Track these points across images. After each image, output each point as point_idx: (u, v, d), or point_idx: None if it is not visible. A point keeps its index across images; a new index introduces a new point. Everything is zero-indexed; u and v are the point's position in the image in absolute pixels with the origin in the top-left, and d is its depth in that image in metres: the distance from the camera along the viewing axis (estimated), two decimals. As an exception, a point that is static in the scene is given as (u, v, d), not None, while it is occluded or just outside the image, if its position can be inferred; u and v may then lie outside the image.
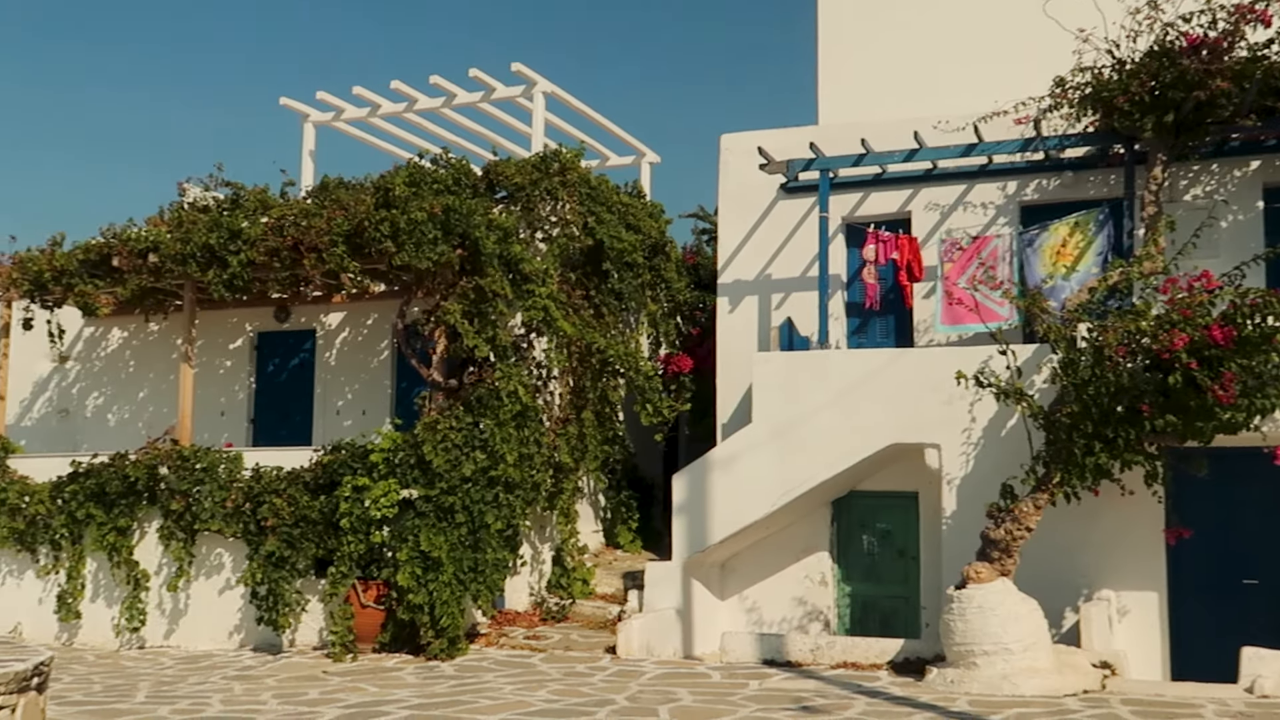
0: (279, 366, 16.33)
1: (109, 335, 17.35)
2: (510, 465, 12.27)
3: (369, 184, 13.68)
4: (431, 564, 11.72)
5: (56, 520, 13.96)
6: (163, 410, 16.42)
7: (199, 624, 13.49)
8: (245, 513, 12.92)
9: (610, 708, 8.93)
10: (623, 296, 14.73)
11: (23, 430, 17.37)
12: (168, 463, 13.50)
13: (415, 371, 13.80)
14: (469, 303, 12.58)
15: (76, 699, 9.66)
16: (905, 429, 11.65)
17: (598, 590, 13.88)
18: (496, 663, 11.40)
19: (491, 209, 13.39)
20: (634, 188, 16.32)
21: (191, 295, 14.29)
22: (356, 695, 9.69)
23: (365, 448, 12.48)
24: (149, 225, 14.34)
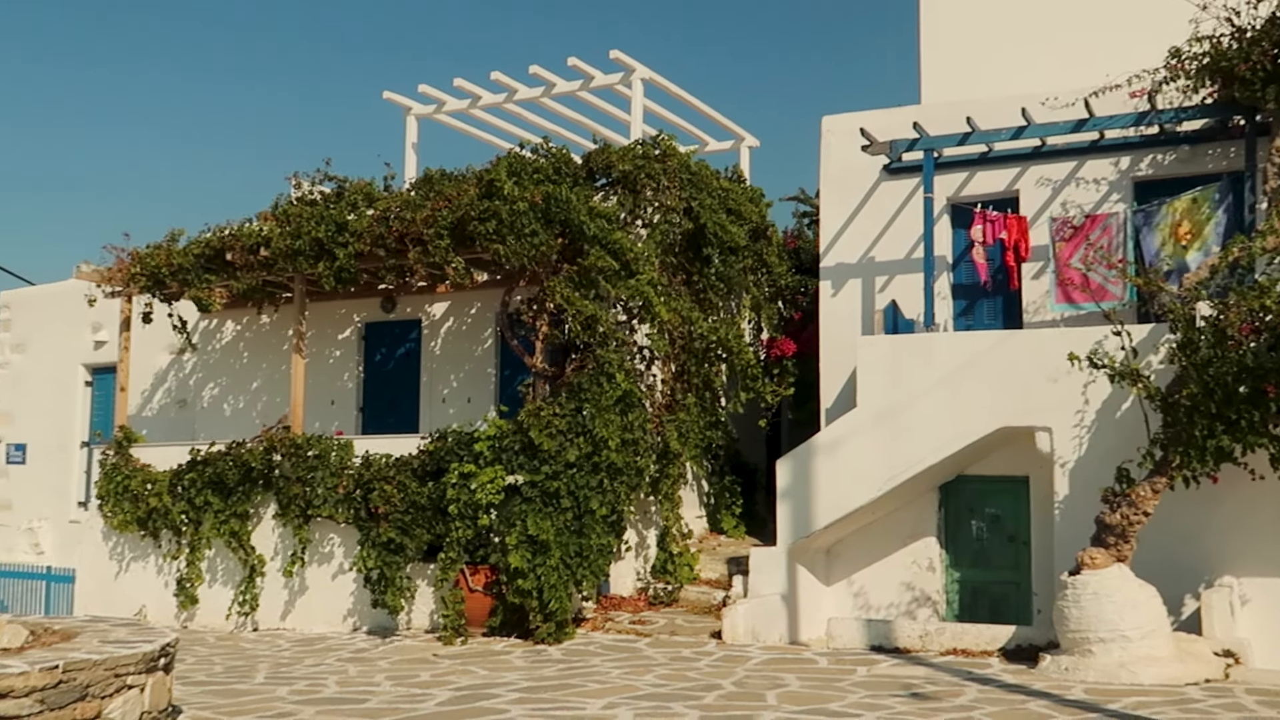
0: (386, 356, 16.63)
1: (223, 328, 17.85)
2: (613, 451, 12.32)
3: (471, 175, 13.83)
4: (539, 548, 11.84)
5: (176, 507, 14.43)
6: (275, 400, 16.85)
7: (313, 607, 13.82)
8: (356, 499, 13.20)
9: (717, 692, 8.93)
10: (724, 281, 14.67)
11: (143, 420, 17.97)
12: (282, 451, 13.84)
13: (518, 359, 13.94)
14: (573, 285, 12.65)
15: (200, 679, 9.97)
16: (1015, 412, 11.42)
17: (702, 576, 13.88)
18: (602, 647, 11.48)
19: (592, 197, 13.44)
20: (734, 172, 16.24)
21: (301, 287, 14.62)
22: (467, 678, 9.84)
23: (471, 435, 12.65)
24: (259, 220, 14.71)
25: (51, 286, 20.95)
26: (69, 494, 19.77)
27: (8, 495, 20.76)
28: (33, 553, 19.73)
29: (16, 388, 20.93)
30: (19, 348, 21.10)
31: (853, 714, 8.06)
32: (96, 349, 19.53)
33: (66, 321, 19.76)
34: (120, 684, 6.91)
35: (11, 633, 7.47)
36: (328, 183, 14.84)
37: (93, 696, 6.73)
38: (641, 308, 13.22)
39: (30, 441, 20.49)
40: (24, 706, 6.35)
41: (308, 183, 14.93)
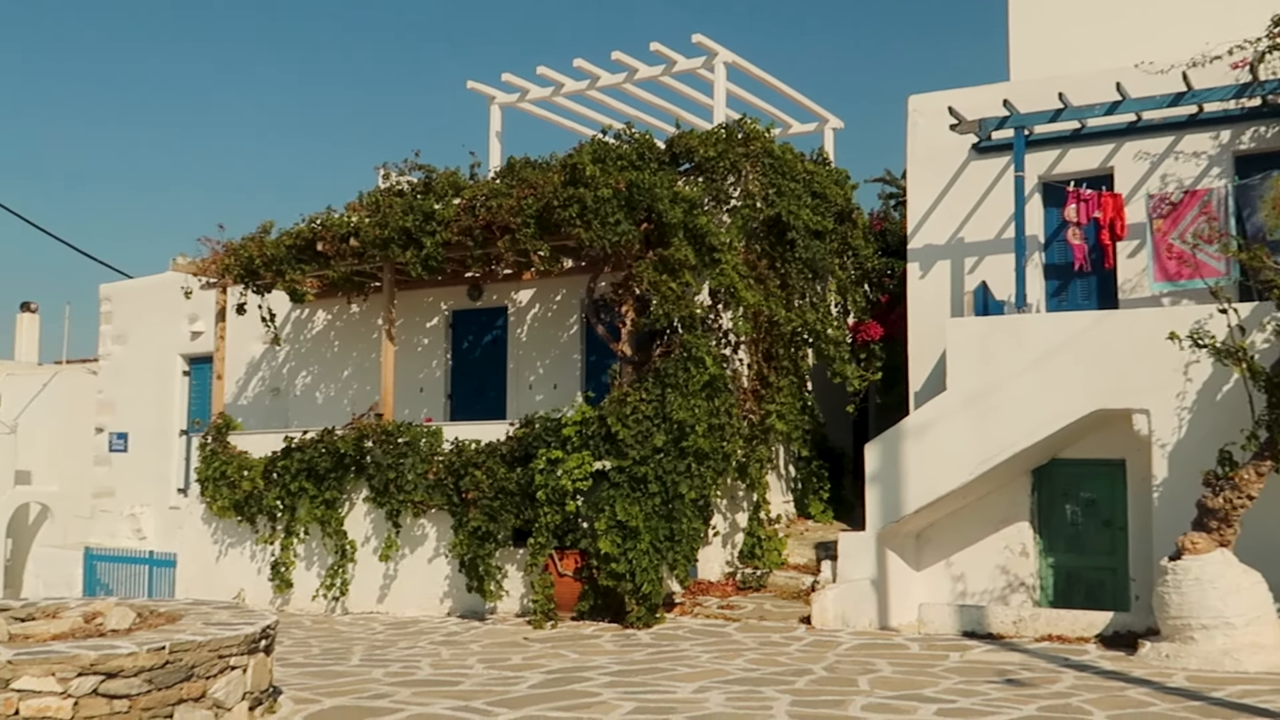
0: (473, 343, 16.80)
1: (314, 317, 18.17)
2: (700, 436, 12.31)
3: (555, 163, 13.88)
4: (629, 533, 11.89)
5: (272, 493, 14.75)
6: (365, 388, 17.13)
7: (405, 591, 14.04)
8: (446, 485, 13.36)
9: (808, 677, 8.88)
10: (809, 265, 14.55)
11: (239, 408, 18.39)
12: (373, 438, 14.06)
13: (604, 345, 13.99)
14: (657, 273, 12.65)
15: (297, 661, 10.18)
16: (1110, 394, 11.17)
17: (790, 560, 13.82)
18: (691, 631, 11.49)
19: (675, 182, 13.41)
20: (818, 154, 16.09)
21: (390, 276, 14.82)
22: (558, 661, 9.92)
23: (558, 421, 12.72)
24: (349, 211, 14.94)
25: (149, 279, 21.51)
26: (169, 481, 20.33)
27: (111, 482, 21.43)
28: (135, 538, 20.35)
29: (118, 378, 21.57)
30: (119, 339, 21.74)
31: (947, 700, 7.96)
32: (193, 339, 20.03)
33: (164, 313, 20.30)
34: (224, 665, 7.09)
35: (120, 615, 7.70)
36: (415, 173, 15.02)
37: (198, 677, 6.91)
38: (726, 292, 13.18)
39: (131, 430, 21.11)
40: (133, 686, 6.54)
41: (395, 173, 15.12)
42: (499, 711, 7.67)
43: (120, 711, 6.49)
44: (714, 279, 13.01)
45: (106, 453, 21.52)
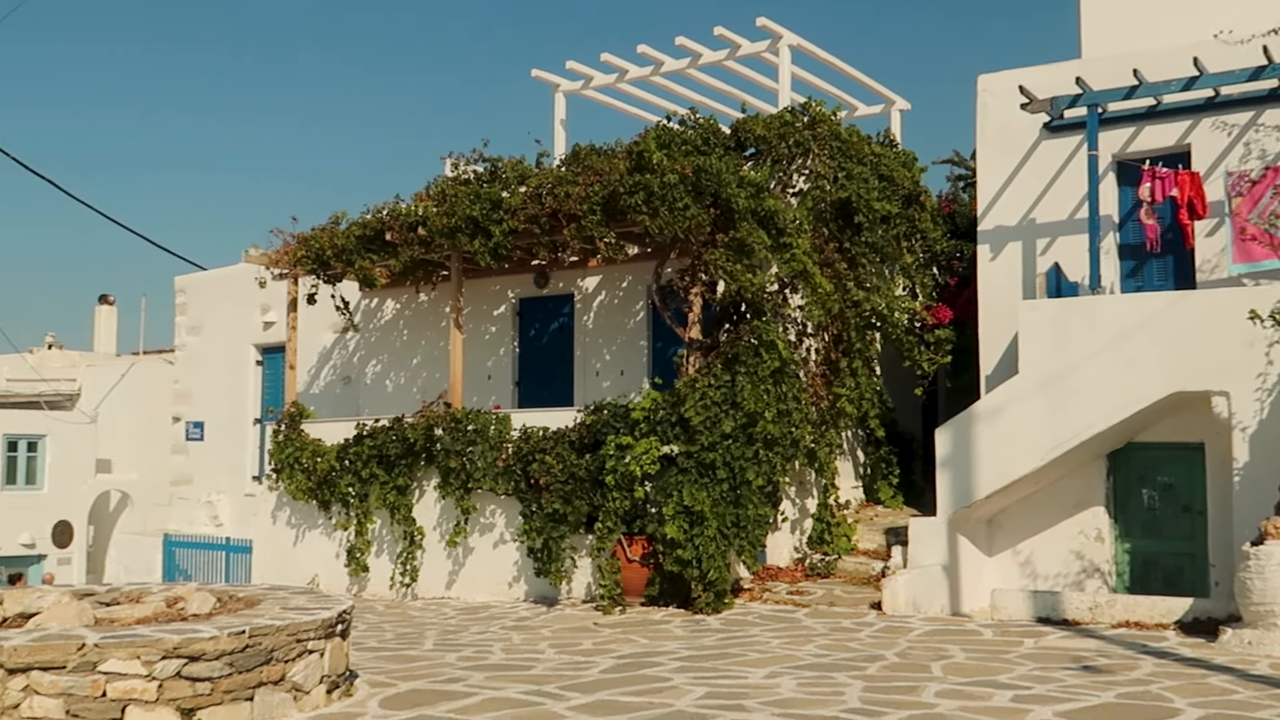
0: (540, 330, 16.88)
1: (383, 306, 18.38)
2: (769, 421, 12.26)
3: (620, 149, 13.87)
4: (696, 519, 11.89)
5: (344, 480, 14.96)
6: (434, 375, 17.29)
7: (476, 576, 14.18)
8: (515, 471, 13.45)
9: (880, 663, 8.83)
10: (877, 249, 14.41)
11: (311, 397, 18.67)
12: (442, 425, 14.20)
13: (670, 331, 13.98)
14: (727, 255, 12.60)
15: (372, 645, 10.33)
16: (1189, 376, 10.94)
17: (859, 546, 13.73)
18: (761, 617, 11.47)
19: (741, 166, 13.34)
20: (885, 137, 15.92)
21: (458, 265, 14.93)
22: (628, 646, 9.96)
23: (626, 407, 12.75)
24: (416, 200, 15.06)
25: (223, 270, 21.90)
26: (244, 469, 20.72)
27: (188, 470, 21.88)
28: (212, 524, 20.77)
29: (193, 368, 22.01)
30: (194, 330, 22.17)
31: (1023, 686, 7.87)
32: (266, 329, 20.37)
33: (237, 303, 20.66)
34: (302, 649, 7.21)
35: (200, 599, 7.86)
36: (481, 162, 15.10)
37: (277, 660, 7.03)
38: (797, 277, 13.10)
39: (207, 419, 21.53)
40: (215, 669, 6.68)
41: (462, 162, 15.21)
42: (571, 695, 7.72)
43: (203, 694, 6.63)
44: (784, 264, 12.92)
45: (184, 441, 21.98)
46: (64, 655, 6.36)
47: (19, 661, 6.31)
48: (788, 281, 13.35)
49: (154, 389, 26.99)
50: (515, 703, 7.53)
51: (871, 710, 7.16)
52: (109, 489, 28.21)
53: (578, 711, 7.24)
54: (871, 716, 6.98)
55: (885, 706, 7.25)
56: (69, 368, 31.11)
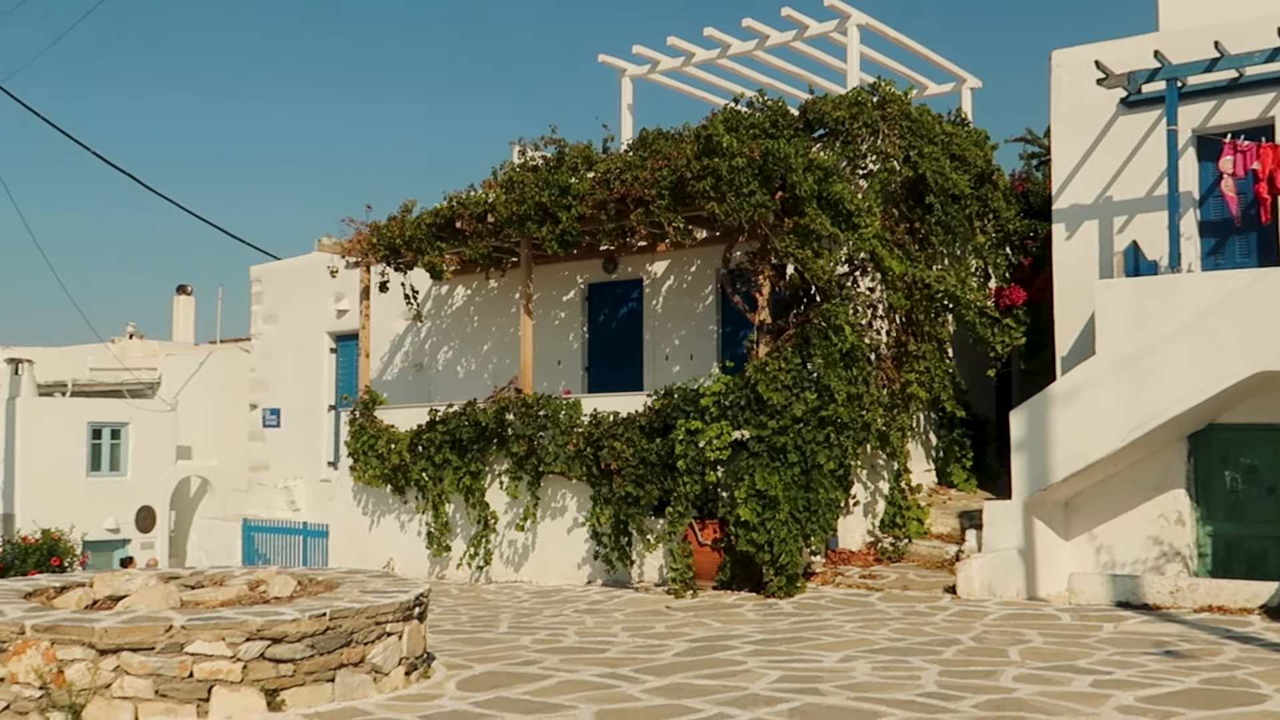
0: (609, 316, 16.93)
1: (454, 293, 18.55)
2: (840, 405, 12.19)
3: (688, 133, 13.83)
4: (768, 503, 11.87)
5: (418, 465, 15.14)
6: (505, 361, 17.42)
7: (547, 560, 14.29)
8: (586, 456, 13.52)
9: (956, 647, 8.76)
10: (949, 229, 14.24)
11: (384, 383, 18.91)
12: (513, 410, 14.31)
13: (740, 315, 13.93)
14: (793, 242, 12.52)
15: (447, 628, 10.46)
16: (1273, 355, 10.68)
17: (932, 530, 13.62)
18: (834, 601, 11.43)
19: (810, 149, 13.23)
20: (956, 115, 15.70)
21: (527, 251, 15.01)
22: (701, 630, 9.98)
23: (696, 391, 12.74)
24: (485, 187, 15.17)
25: (297, 260, 22.24)
26: (320, 454, 21.07)
27: (265, 457, 22.30)
28: (289, 509, 21.16)
29: (269, 356, 22.40)
30: (270, 319, 22.55)
31: (1103, 671, 7.76)
32: (339, 317, 20.67)
33: (311, 292, 20.98)
34: (380, 631, 7.33)
35: (282, 583, 8.02)
36: (549, 148, 15.15)
37: (356, 642, 7.16)
38: (867, 259, 12.98)
39: (283, 406, 21.92)
40: (297, 651, 6.82)
41: (530, 148, 15.28)
42: (646, 679, 7.76)
43: (286, 675, 6.77)
44: (853, 247, 12.81)
45: (260, 428, 22.40)
46: (152, 637, 6.53)
47: (110, 643, 6.49)
48: (858, 263, 13.24)
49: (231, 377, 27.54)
50: (590, 685, 7.59)
51: (948, 694, 7.11)
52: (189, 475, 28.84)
53: (653, 694, 7.28)
54: (948, 700, 6.94)
55: (962, 691, 7.19)
56: (149, 357, 31.85)
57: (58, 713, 6.41)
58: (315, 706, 6.82)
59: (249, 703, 6.63)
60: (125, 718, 6.46)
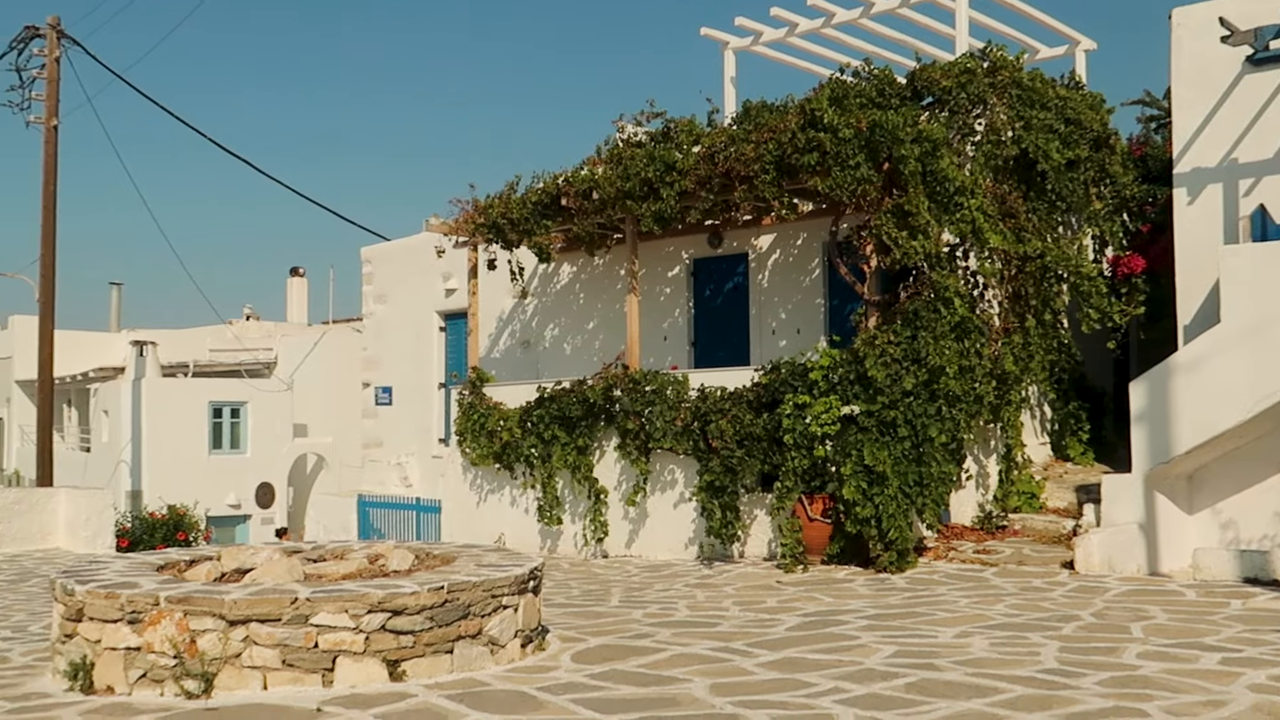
0: (714, 291, 16.88)
1: (560, 271, 18.68)
2: (951, 378, 11.99)
3: (792, 106, 13.68)
4: (876, 478, 11.75)
5: (527, 441, 15.31)
6: (611, 338, 17.50)
7: (656, 535, 14.35)
8: (694, 431, 13.53)
9: (1076, 623, 8.58)
10: (1062, 197, 13.86)
11: (491, 361, 19.17)
12: (620, 386, 14.37)
13: (847, 288, 13.77)
14: (893, 221, 12.30)
15: (559, 602, 10.59)
16: None
17: (1048, 504, 13.34)
18: (947, 576, 11.28)
19: (918, 118, 12.97)
20: (1070, 79, 15.25)
21: (633, 228, 15.02)
22: (812, 604, 9.94)
23: (804, 366, 12.64)
24: (589, 164, 15.21)
25: (405, 240, 22.65)
26: (430, 431, 21.47)
27: (378, 434, 22.80)
28: (402, 485, 21.63)
29: (380, 335, 22.87)
30: (380, 298, 23.00)
31: (1231, 649, 7.53)
32: (447, 296, 20.99)
33: (420, 272, 21.34)
34: (497, 604, 7.45)
35: (400, 556, 8.19)
36: (652, 122, 15.13)
37: (474, 615, 7.29)
38: (970, 234, 12.71)
39: (394, 384, 22.38)
40: (416, 623, 6.97)
41: (633, 125, 15.27)
42: (759, 653, 7.76)
43: (406, 646, 6.93)
44: (955, 224, 12.51)
45: (373, 406, 22.90)
46: (279, 609, 6.73)
47: (238, 614, 6.71)
48: (967, 236, 12.97)
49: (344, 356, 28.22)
50: (704, 659, 7.61)
51: (1069, 671, 6.97)
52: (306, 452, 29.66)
53: (767, 668, 7.27)
54: (1070, 677, 6.80)
55: (1084, 668, 7.05)
56: (265, 337, 32.77)
57: (191, 681, 6.65)
58: (435, 677, 6.96)
59: (371, 673, 6.80)
60: (255, 686, 6.68)
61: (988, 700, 6.29)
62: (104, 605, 6.93)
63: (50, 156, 22.87)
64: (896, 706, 6.19)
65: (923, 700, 6.32)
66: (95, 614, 6.96)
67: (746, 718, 6.03)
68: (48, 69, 23.06)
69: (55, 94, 23.03)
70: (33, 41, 23.16)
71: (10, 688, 7.20)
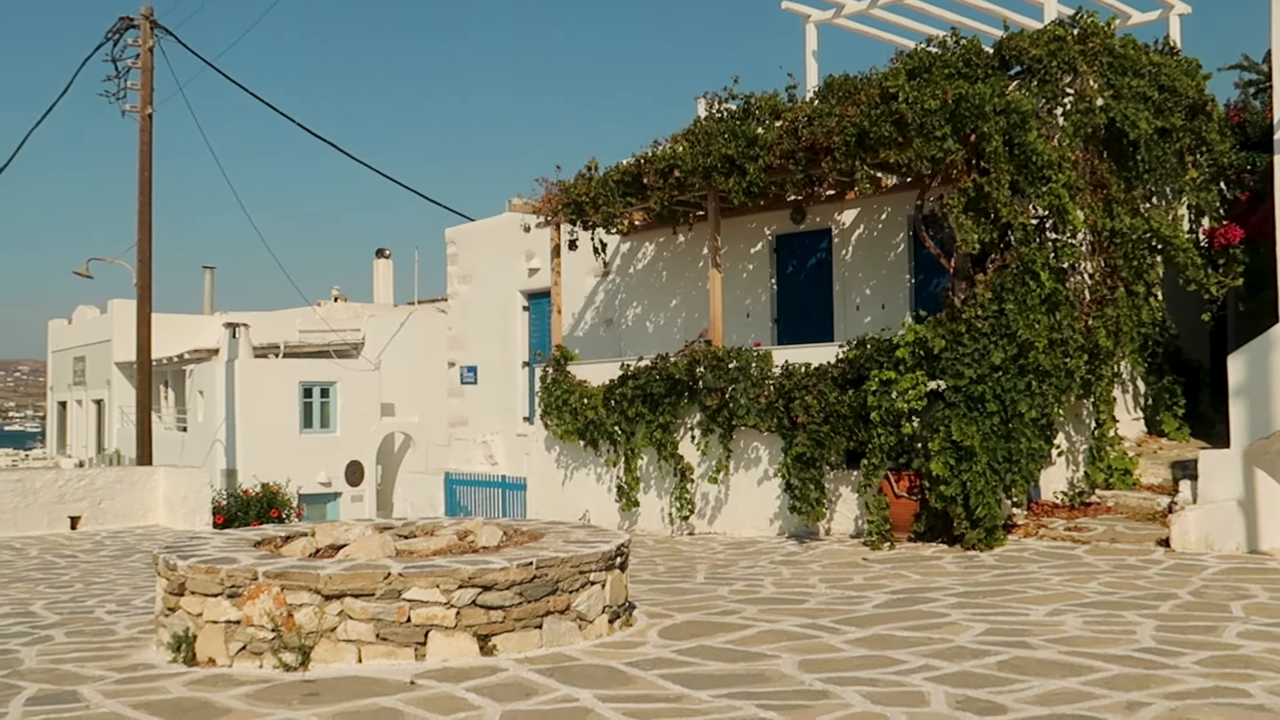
0: (797, 267, 16.77)
1: (642, 249, 18.69)
2: (1041, 352, 11.78)
3: (875, 78, 13.48)
4: (964, 454, 11.60)
5: (611, 419, 15.38)
6: (693, 315, 17.49)
7: (740, 513, 14.34)
8: (778, 408, 13.47)
9: (1173, 602, 8.40)
10: (1155, 166, 13.49)
11: (575, 339, 19.27)
12: (704, 363, 14.36)
13: (933, 263, 13.59)
14: (970, 199, 12.08)
15: (645, 578, 10.64)
16: None
17: (1142, 481, 13.07)
18: (1037, 553, 11.12)
19: (1005, 89, 12.70)
20: (1164, 45, 14.82)
21: (715, 204, 14.96)
22: (900, 582, 9.87)
23: (890, 341, 12.52)
24: (671, 142, 15.17)
25: (489, 221, 22.84)
26: (515, 409, 21.68)
27: (464, 412, 23.08)
28: (487, 463, 21.89)
29: (465, 315, 23.12)
30: (465, 279, 23.24)
31: (1336, 629, 7.33)
32: (530, 276, 21.15)
33: (504, 252, 21.53)
34: (584, 580, 7.51)
35: (489, 533, 8.30)
36: (733, 99, 15.04)
37: (562, 591, 7.36)
38: (1055, 211, 12.43)
39: (479, 363, 22.62)
40: (506, 598, 7.06)
41: (715, 101, 15.19)
42: (847, 629, 7.74)
43: (496, 621, 7.03)
44: (1040, 199, 12.22)
45: (458, 385, 23.19)
46: (372, 584, 6.87)
47: (334, 589, 6.86)
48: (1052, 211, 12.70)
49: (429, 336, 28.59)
50: (792, 635, 7.61)
51: (1167, 650, 6.83)
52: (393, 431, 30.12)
53: (855, 645, 7.25)
54: (1167, 656, 6.67)
55: (1182, 647, 6.91)
56: (353, 318, 33.30)
57: (289, 654, 6.82)
58: (525, 652, 7.05)
59: (463, 647, 6.91)
60: (350, 659, 6.83)
61: (1083, 679, 6.20)
62: (205, 580, 7.13)
63: (145, 144, 23.46)
64: (989, 684, 6.13)
65: (1016, 678, 6.25)
66: (196, 588, 7.17)
67: (837, 694, 6.01)
68: (142, 59, 23.63)
69: (149, 83, 23.60)
70: (127, 32, 23.74)
71: (118, 659, 7.45)
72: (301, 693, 6.28)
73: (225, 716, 5.89)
